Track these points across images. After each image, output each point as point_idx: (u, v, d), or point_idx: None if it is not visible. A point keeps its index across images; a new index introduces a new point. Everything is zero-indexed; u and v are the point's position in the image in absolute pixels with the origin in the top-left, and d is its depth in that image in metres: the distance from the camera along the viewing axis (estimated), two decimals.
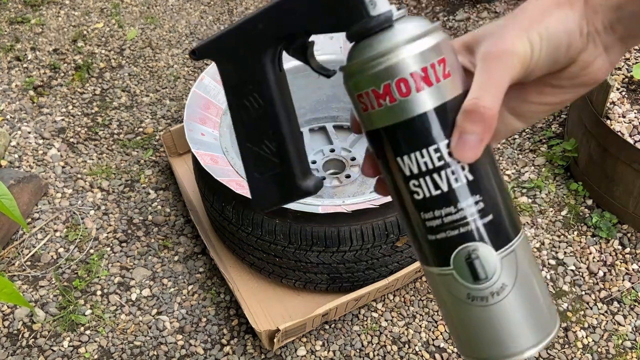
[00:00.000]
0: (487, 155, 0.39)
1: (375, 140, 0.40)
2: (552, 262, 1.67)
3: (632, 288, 1.60)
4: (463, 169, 0.38)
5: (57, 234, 1.76)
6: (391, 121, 0.38)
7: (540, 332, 0.40)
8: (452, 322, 0.42)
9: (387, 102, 0.37)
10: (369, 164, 0.43)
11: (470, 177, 0.38)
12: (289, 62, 0.48)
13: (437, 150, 0.38)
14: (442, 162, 0.38)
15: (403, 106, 0.37)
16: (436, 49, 0.37)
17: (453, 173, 0.38)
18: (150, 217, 1.81)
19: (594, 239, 1.71)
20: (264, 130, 0.42)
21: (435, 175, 0.38)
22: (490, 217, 0.38)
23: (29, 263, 1.68)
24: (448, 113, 0.37)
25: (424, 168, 0.38)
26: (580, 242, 1.71)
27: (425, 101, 0.37)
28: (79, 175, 1.94)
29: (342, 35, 1.72)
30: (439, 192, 0.38)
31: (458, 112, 0.37)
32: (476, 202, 0.38)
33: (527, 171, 1.91)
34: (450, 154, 0.38)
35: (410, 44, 0.37)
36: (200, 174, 1.46)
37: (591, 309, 1.56)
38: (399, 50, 0.37)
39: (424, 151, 0.38)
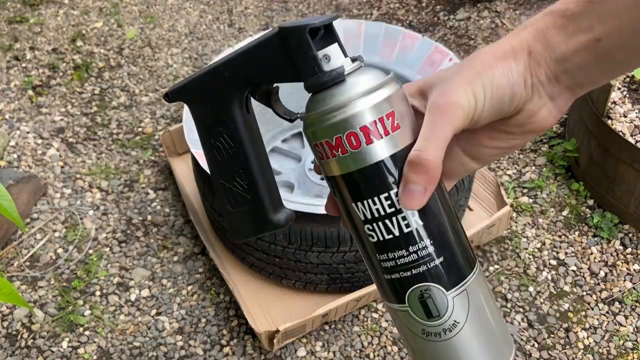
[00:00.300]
0: (439, 198, 0.41)
1: (333, 185, 0.42)
2: (553, 262, 1.66)
3: (634, 288, 1.59)
4: (413, 214, 0.40)
5: (56, 234, 1.75)
6: (344, 170, 0.40)
7: (500, 354, 0.43)
8: (412, 354, 0.45)
9: (339, 153, 0.40)
10: (331, 203, 0.45)
11: (421, 222, 0.40)
12: None
13: (387, 197, 0.40)
14: (393, 209, 0.40)
15: (355, 157, 0.39)
16: (386, 102, 0.39)
17: (404, 219, 0.40)
18: (149, 217, 1.80)
19: (595, 239, 1.71)
20: (235, 168, 0.45)
21: (387, 221, 0.40)
22: (441, 258, 0.41)
23: (27, 263, 1.68)
24: (397, 163, 0.40)
25: (376, 214, 0.40)
26: (582, 242, 1.70)
27: (375, 153, 0.39)
28: (78, 176, 1.93)
29: (342, 34, 1.71)
30: (391, 236, 0.40)
31: None
32: (427, 246, 0.40)
33: (528, 171, 1.91)
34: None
35: (361, 98, 0.39)
36: (200, 174, 1.45)
37: (592, 309, 1.55)
38: (350, 105, 0.39)
39: (376, 199, 0.40)
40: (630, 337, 1.49)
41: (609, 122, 1.65)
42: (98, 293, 1.61)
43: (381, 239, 0.41)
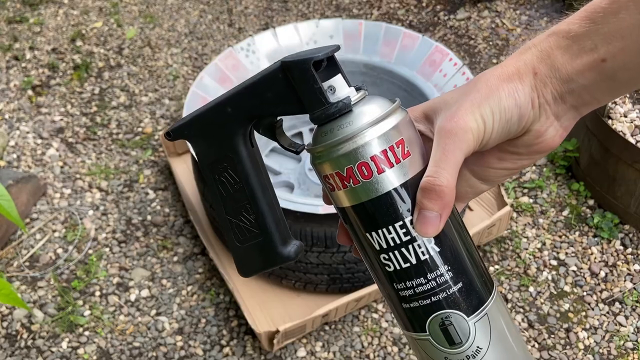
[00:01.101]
0: (453, 223, 0.41)
1: (345, 216, 0.42)
2: (554, 262, 1.66)
3: (634, 289, 1.59)
4: (429, 241, 0.40)
5: (56, 234, 1.75)
6: (356, 201, 0.40)
7: None
8: None
9: (351, 184, 0.39)
10: (343, 233, 0.45)
11: (437, 249, 0.40)
12: None
13: (402, 226, 0.39)
14: (408, 237, 0.39)
15: (367, 187, 0.39)
16: (395, 130, 0.39)
17: (420, 247, 0.40)
18: (149, 217, 1.80)
19: (596, 239, 1.70)
20: (242, 203, 0.45)
21: (404, 249, 0.40)
22: (460, 284, 0.40)
23: (27, 264, 1.68)
24: (410, 190, 0.39)
25: (392, 243, 0.40)
26: (582, 242, 1.70)
27: (387, 181, 0.39)
28: (78, 176, 1.93)
29: (342, 34, 1.72)
30: (408, 264, 0.40)
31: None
32: (445, 272, 0.40)
33: (528, 171, 1.90)
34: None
35: (369, 128, 0.39)
36: (200, 174, 1.45)
37: (593, 309, 1.55)
38: (359, 135, 0.39)
39: (391, 227, 0.40)
40: (631, 338, 1.49)
41: (610, 122, 1.64)
42: (98, 293, 1.61)
43: (398, 267, 0.40)
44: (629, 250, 1.67)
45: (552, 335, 1.50)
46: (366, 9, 2.69)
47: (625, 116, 1.66)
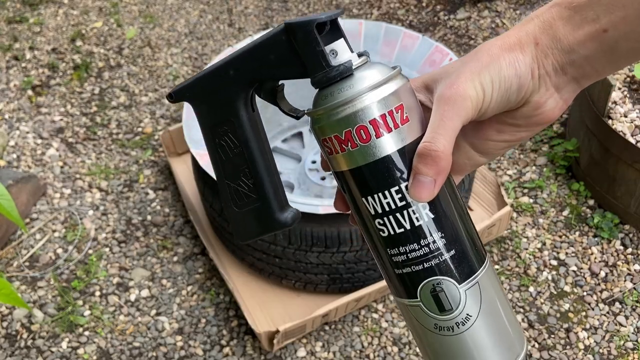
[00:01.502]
0: (449, 192, 0.41)
1: (342, 180, 0.42)
2: (554, 262, 1.66)
3: (634, 289, 1.59)
4: (424, 207, 0.40)
5: (56, 234, 1.75)
6: (354, 165, 0.40)
7: (508, 356, 0.43)
8: (424, 349, 0.45)
9: (349, 147, 0.40)
10: (340, 199, 0.45)
11: (432, 215, 0.40)
12: None
13: (398, 191, 0.40)
14: (404, 202, 0.40)
15: (364, 151, 0.40)
16: (394, 95, 0.39)
17: (414, 212, 0.40)
18: (149, 217, 1.80)
19: (596, 239, 1.70)
20: (241, 168, 0.45)
21: (398, 215, 0.40)
22: (452, 252, 0.41)
23: (27, 264, 1.68)
24: (407, 156, 0.40)
25: (387, 208, 0.40)
26: (582, 242, 1.70)
27: (385, 146, 0.39)
28: (78, 176, 1.93)
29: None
30: (402, 230, 0.41)
31: None
32: (438, 239, 0.41)
33: (528, 171, 1.90)
34: None
35: (369, 92, 0.39)
36: (200, 174, 1.45)
37: (593, 309, 1.55)
38: (359, 98, 0.39)
39: (387, 192, 0.40)
40: (631, 338, 1.49)
41: (610, 122, 1.64)
42: (98, 293, 1.61)
43: (392, 233, 0.41)
44: (629, 250, 1.67)
45: (552, 335, 1.50)
46: (366, 9, 2.69)
47: (625, 116, 1.66)
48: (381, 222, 0.41)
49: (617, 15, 0.37)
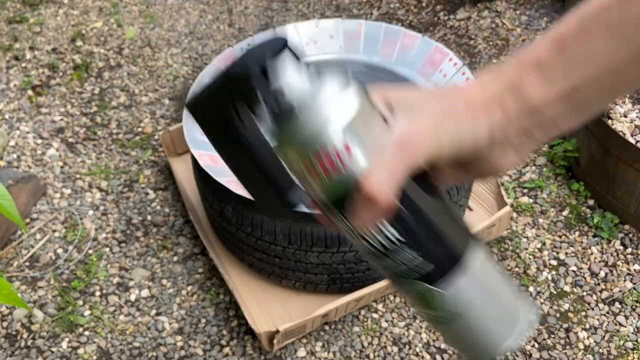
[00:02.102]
0: (419, 208, 0.41)
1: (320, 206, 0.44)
2: (554, 262, 1.66)
3: (634, 288, 1.59)
4: (393, 229, 0.41)
5: (56, 234, 1.75)
6: (318, 198, 0.42)
7: (509, 327, 0.46)
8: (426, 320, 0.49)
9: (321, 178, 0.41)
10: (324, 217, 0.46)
11: (403, 239, 0.41)
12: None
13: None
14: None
15: (325, 186, 0.40)
16: (345, 132, 0.39)
17: (383, 234, 0.41)
18: (149, 217, 1.80)
19: (596, 239, 1.70)
20: (251, 169, 0.45)
21: (369, 239, 0.42)
22: (432, 266, 0.42)
23: (27, 264, 1.68)
24: (355, 187, 0.40)
25: (355, 234, 0.42)
26: (582, 242, 1.70)
27: (341, 182, 0.39)
28: (78, 176, 1.93)
29: (342, 34, 1.71)
30: (375, 250, 0.42)
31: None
32: (416, 257, 0.41)
33: (528, 171, 1.90)
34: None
35: (317, 131, 0.39)
36: (200, 174, 1.45)
37: (592, 309, 1.55)
38: (309, 137, 0.39)
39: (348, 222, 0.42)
40: (631, 338, 1.49)
41: (610, 122, 1.64)
42: (98, 293, 1.61)
43: (368, 250, 0.42)
44: (629, 250, 1.67)
45: (552, 335, 1.50)
46: (366, 9, 2.69)
47: (625, 116, 1.66)
48: (356, 242, 0.42)
49: (588, 71, 0.36)
